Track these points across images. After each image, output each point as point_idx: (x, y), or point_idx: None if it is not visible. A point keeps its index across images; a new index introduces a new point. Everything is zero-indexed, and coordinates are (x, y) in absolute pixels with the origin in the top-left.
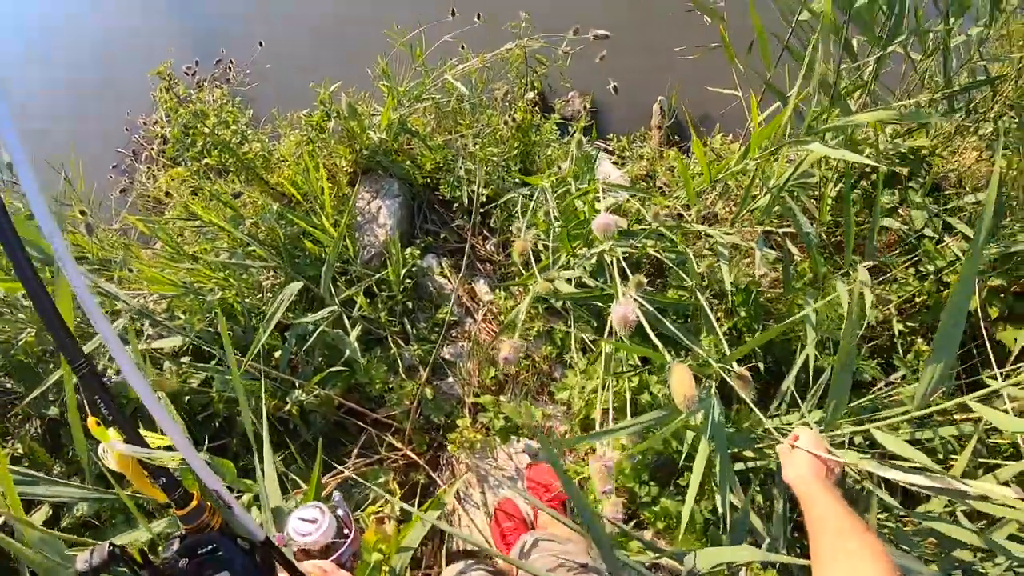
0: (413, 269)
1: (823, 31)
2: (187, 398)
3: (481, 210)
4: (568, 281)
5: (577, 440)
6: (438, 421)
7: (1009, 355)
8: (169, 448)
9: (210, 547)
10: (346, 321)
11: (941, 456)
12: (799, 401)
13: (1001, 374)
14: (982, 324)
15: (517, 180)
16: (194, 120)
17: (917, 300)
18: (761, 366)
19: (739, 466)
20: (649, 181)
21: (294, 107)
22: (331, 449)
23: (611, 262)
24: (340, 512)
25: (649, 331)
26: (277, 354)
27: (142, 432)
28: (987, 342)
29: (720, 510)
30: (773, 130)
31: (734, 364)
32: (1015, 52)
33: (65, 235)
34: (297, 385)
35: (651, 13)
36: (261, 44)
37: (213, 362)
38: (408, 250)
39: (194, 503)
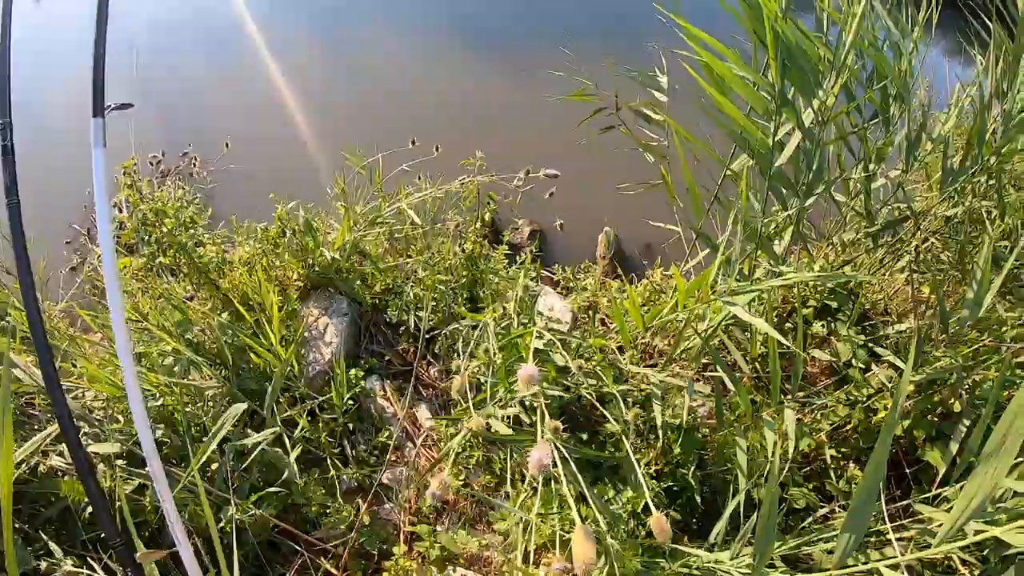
0: (356, 391)
1: (736, 219)
2: (118, 503)
3: (427, 335)
4: (504, 419)
5: None
6: (373, 549)
7: (935, 474)
8: None
9: None
10: (287, 441)
11: None
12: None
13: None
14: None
15: (462, 316)
16: (153, 218)
17: (848, 427)
18: (698, 498)
19: None
20: (591, 314)
21: (252, 211)
22: (262, 571)
23: (537, 406)
24: None
25: (577, 481)
26: (214, 466)
27: None
28: (905, 465)
29: None
30: (699, 284)
31: (653, 510)
32: (932, 189)
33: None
34: (232, 503)
35: (600, 150)
36: (227, 145)
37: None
38: (352, 372)
39: None
